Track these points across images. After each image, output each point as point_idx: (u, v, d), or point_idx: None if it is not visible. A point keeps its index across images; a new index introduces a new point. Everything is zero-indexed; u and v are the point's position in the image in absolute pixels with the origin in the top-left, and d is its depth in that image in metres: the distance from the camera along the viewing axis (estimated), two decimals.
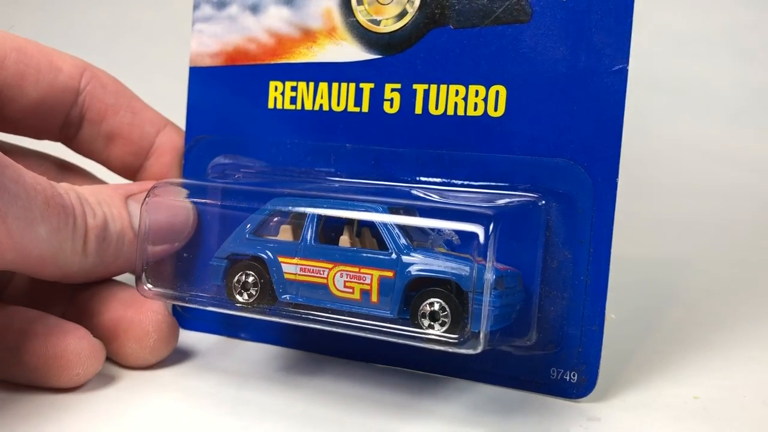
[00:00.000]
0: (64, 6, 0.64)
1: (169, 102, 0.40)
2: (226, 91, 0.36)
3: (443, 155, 0.32)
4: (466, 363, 0.32)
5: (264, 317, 0.29)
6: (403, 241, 0.28)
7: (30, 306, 0.33)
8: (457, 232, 0.27)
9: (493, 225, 0.26)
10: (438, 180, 0.32)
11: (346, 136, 0.34)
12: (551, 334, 0.30)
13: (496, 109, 0.31)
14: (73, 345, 0.30)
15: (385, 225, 0.28)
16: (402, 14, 0.33)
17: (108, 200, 0.32)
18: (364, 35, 0.34)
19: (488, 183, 0.31)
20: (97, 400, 0.30)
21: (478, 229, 0.25)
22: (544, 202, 0.30)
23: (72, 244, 0.30)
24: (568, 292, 0.30)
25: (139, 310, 0.32)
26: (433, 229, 0.28)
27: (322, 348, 0.35)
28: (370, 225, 0.29)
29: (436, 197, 0.31)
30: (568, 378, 0.30)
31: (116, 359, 0.33)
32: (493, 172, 0.31)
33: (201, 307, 0.31)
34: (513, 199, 0.30)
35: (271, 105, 0.35)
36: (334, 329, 0.28)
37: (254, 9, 0.36)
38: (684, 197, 0.45)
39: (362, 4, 0.34)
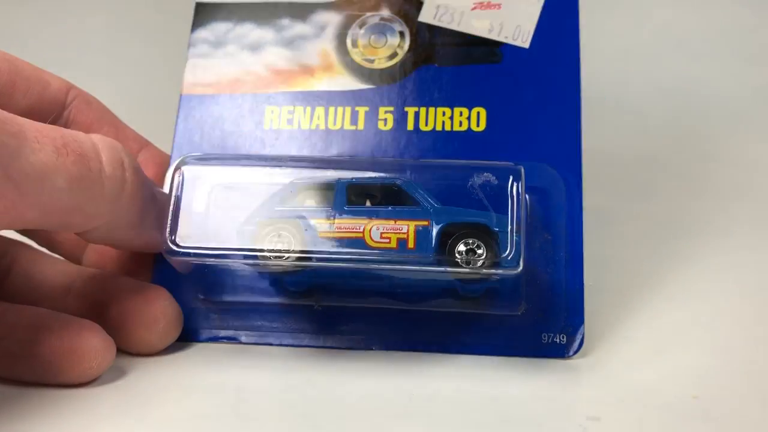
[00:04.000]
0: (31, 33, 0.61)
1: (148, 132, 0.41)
2: (219, 116, 0.40)
3: (434, 163, 0.38)
4: (463, 338, 0.35)
5: (301, 265, 0.31)
6: (431, 198, 0.32)
7: (30, 298, 0.33)
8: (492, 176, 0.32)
9: (523, 174, 0.31)
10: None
11: (344, 149, 0.38)
12: (539, 304, 0.35)
13: (478, 125, 0.38)
14: (88, 339, 0.31)
15: (412, 185, 0.33)
16: (393, 55, 0.40)
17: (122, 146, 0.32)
18: (359, 70, 0.40)
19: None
20: (97, 399, 0.30)
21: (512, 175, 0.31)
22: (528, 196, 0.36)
23: (102, 190, 0.30)
24: (550, 267, 0.35)
25: (146, 298, 0.34)
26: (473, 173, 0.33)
27: (316, 341, 0.36)
28: (398, 190, 0.33)
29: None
30: (558, 340, 0.34)
31: (124, 347, 0.33)
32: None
33: (237, 262, 0.31)
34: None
35: (267, 126, 0.39)
36: (373, 266, 0.31)
37: (253, 49, 0.41)
38: (684, 197, 0.47)
39: (357, 46, 0.40)
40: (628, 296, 0.38)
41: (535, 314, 0.35)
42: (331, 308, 0.36)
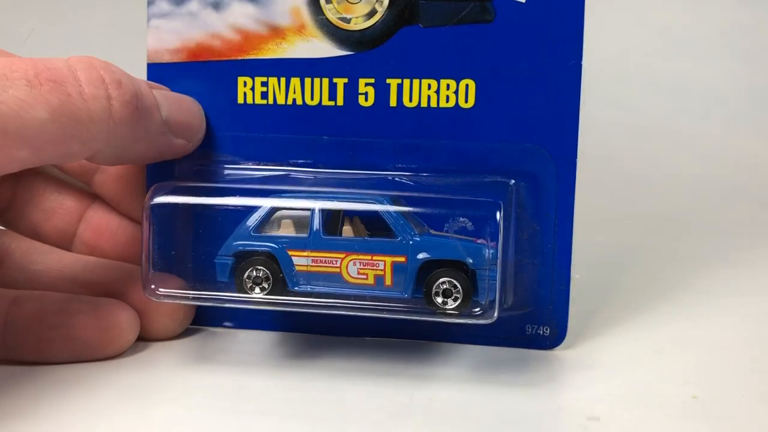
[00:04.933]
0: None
1: None
2: (189, 88, 0.37)
3: (419, 144, 0.35)
4: (451, 327, 0.36)
5: (280, 308, 0.32)
6: (409, 228, 0.31)
7: (30, 288, 0.34)
8: (471, 219, 0.31)
9: (502, 212, 0.30)
10: (414, 167, 0.35)
11: (322, 128, 0.36)
12: (525, 296, 0.35)
13: (466, 101, 0.35)
14: (120, 315, 0.34)
15: (391, 214, 0.31)
16: (371, 13, 0.35)
17: (136, 79, 0.32)
18: (334, 33, 0.36)
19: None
20: (96, 398, 0.31)
21: (492, 215, 0.29)
22: (513, 182, 0.34)
23: (88, 113, 0.29)
24: (538, 258, 0.35)
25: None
26: (448, 218, 0.31)
27: (310, 328, 0.37)
28: (375, 216, 0.32)
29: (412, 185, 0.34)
30: (541, 332, 0.35)
31: (143, 334, 0.35)
32: (467, 157, 0.35)
33: (217, 305, 0.32)
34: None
35: (240, 100, 0.37)
36: (351, 313, 0.31)
37: (216, 6, 0.36)
38: (683, 197, 0.46)
39: (331, 2, 0.35)
40: (628, 296, 0.39)
41: (521, 306, 0.35)
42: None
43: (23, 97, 0.27)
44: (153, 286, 0.32)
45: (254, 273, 0.32)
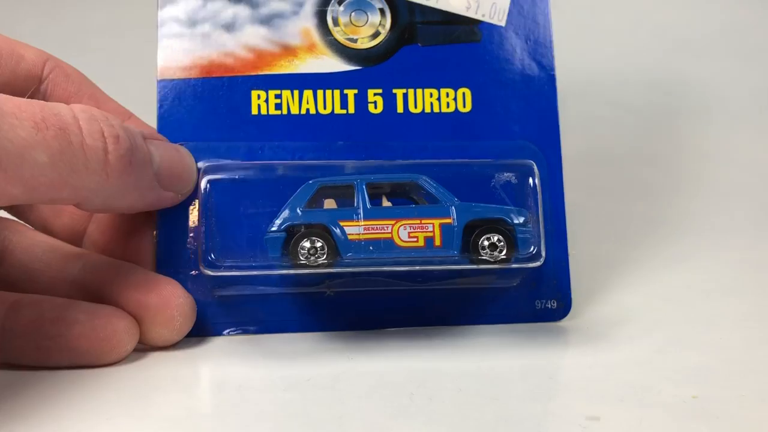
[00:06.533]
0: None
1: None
2: (202, 102, 0.38)
3: (426, 144, 0.39)
4: (465, 309, 0.38)
5: (339, 270, 0.33)
6: (450, 195, 0.34)
7: (29, 288, 0.33)
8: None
9: (538, 171, 0.34)
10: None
11: (336, 134, 0.39)
12: (531, 275, 0.39)
13: (465, 106, 0.40)
14: (117, 324, 0.32)
15: (432, 184, 0.34)
16: (376, 34, 0.40)
17: (132, 130, 0.32)
18: (343, 51, 0.40)
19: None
20: (96, 398, 0.30)
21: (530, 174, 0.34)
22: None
23: (84, 162, 0.30)
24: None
25: (161, 294, 0.34)
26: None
27: (323, 326, 0.38)
28: (417, 187, 0.35)
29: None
30: (549, 306, 0.39)
31: (141, 341, 0.35)
32: (470, 154, 0.39)
33: (276, 272, 0.32)
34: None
35: (255, 112, 0.39)
36: (410, 268, 0.33)
37: (229, 28, 0.39)
38: (683, 197, 0.46)
39: (338, 25, 0.40)
40: (628, 296, 0.40)
41: (529, 284, 0.39)
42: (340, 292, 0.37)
43: (28, 138, 0.28)
44: (212, 257, 0.32)
45: (308, 244, 0.33)
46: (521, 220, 0.34)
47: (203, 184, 0.34)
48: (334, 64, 0.39)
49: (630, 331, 0.38)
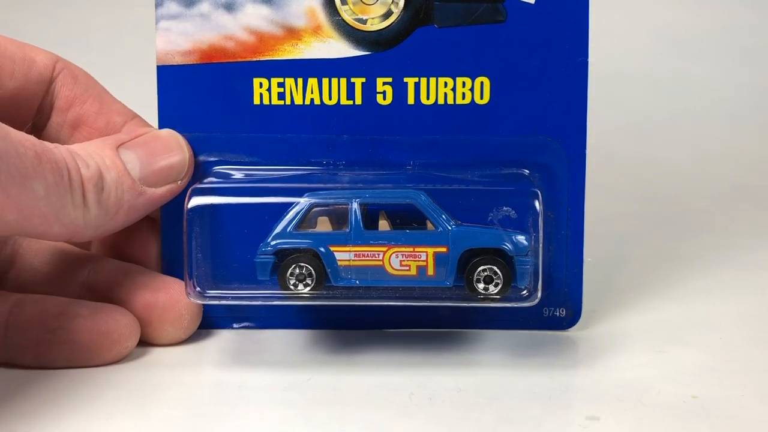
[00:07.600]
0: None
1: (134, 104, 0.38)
2: (203, 90, 0.37)
3: (437, 140, 0.37)
4: (472, 314, 0.37)
5: (326, 303, 0.32)
6: (447, 219, 0.33)
7: (39, 291, 0.34)
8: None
9: (540, 200, 0.31)
10: (433, 162, 0.37)
11: (341, 127, 0.37)
12: (542, 281, 0.37)
13: (482, 98, 0.36)
14: (119, 320, 0.33)
15: (430, 207, 0.33)
16: (387, 14, 0.36)
17: (98, 151, 0.33)
18: (351, 33, 0.36)
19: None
20: (96, 398, 0.31)
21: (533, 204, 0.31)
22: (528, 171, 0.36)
23: (72, 198, 0.30)
24: (552, 244, 0.37)
25: (168, 293, 0.35)
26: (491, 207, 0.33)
27: (328, 324, 0.38)
28: (411, 209, 0.33)
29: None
30: (558, 314, 0.37)
31: (148, 340, 0.35)
32: (484, 151, 0.37)
33: (262, 303, 0.32)
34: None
35: (257, 101, 0.37)
36: (397, 303, 0.32)
37: (229, 7, 0.36)
38: (683, 197, 0.46)
39: (347, 3, 0.36)
40: (627, 296, 0.39)
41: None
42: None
43: (30, 167, 0.28)
44: (198, 289, 0.32)
45: (297, 270, 0.32)
46: (521, 246, 0.32)
47: (188, 207, 0.33)
48: (341, 49, 0.36)
49: (630, 331, 0.37)
